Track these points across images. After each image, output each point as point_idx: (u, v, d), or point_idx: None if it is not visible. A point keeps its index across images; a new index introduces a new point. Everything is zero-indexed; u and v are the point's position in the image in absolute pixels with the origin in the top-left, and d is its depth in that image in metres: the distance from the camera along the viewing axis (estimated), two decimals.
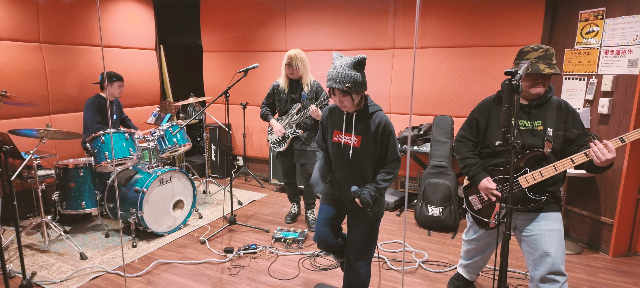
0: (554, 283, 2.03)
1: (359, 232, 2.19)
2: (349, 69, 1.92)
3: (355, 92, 1.95)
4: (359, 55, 1.96)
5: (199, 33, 5.68)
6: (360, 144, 2.04)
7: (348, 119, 2.07)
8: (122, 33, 5.00)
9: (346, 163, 2.10)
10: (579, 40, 3.44)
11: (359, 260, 2.23)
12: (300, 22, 4.91)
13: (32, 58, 4.04)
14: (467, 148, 2.33)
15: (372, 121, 2.04)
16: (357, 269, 2.25)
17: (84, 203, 3.58)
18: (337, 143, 2.11)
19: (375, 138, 2.04)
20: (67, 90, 4.40)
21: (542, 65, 1.99)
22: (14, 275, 2.87)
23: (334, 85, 1.93)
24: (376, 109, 2.08)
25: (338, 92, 1.95)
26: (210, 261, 3.16)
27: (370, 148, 2.05)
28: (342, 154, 2.10)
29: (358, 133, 2.05)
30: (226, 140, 5.47)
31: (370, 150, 2.05)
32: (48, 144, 4.12)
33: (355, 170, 2.10)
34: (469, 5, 4.03)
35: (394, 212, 4.29)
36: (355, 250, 2.23)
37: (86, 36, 4.56)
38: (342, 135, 2.09)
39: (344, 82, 1.90)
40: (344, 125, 2.08)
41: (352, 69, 1.93)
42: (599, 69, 3.29)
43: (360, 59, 1.94)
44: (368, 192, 2.01)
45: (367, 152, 2.06)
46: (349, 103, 1.98)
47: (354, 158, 2.07)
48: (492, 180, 2.20)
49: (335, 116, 2.14)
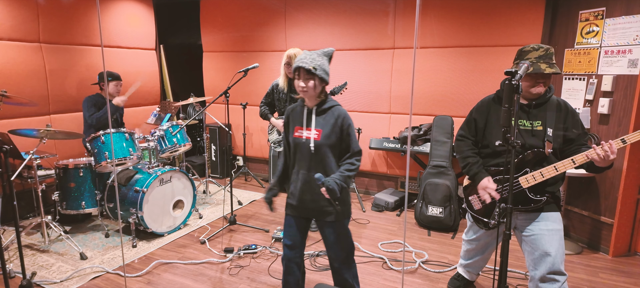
0: (554, 283, 2.03)
1: (329, 231, 2.16)
2: (318, 55, 2.04)
3: (319, 78, 2.01)
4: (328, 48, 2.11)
5: (199, 33, 5.68)
6: (320, 137, 2.07)
7: (308, 113, 2.12)
8: (122, 33, 5.00)
9: (308, 159, 2.10)
10: (579, 40, 3.44)
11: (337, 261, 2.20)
12: (300, 22, 4.91)
13: (32, 58, 4.04)
14: (467, 147, 2.33)
15: (331, 114, 2.08)
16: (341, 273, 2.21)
17: (84, 203, 3.58)
18: (299, 138, 2.13)
19: (335, 130, 2.07)
20: (67, 90, 4.40)
21: (543, 65, 1.99)
22: (14, 275, 2.87)
23: (301, 64, 1.99)
24: (334, 103, 2.12)
25: (303, 72, 2.00)
26: (210, 261, 3.16)
27: (331, 141, 2.07)
28: (303, 149, 2.11)
29: (318, 126, 2.08)
30: (226, 140, 5.47)
31: (331, 143, 2.07)
32: (48, 143, 4.12)
33: (318, 165, 2.09)
34: (469, 5, 4.03)
35: (394, 212, 4.29)
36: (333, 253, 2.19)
37: (86, 36, 4.55)
38: (303, 130, 2.12)
39: (312, 63, 1.98)
40: (304, 121, 2.12)
41: (320, 56, 2.04)
42: (599, 69, 3.29)
43: (328, 50, 2.07)
44: (333, 180, 1.99)
45: (328, 145, 2.07)
46: (311, 88, 2.02)
47: (316, 152, 2.08)
48: (493, 181, 2.20)
49: (296, 114, 2.18)
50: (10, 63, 3.86)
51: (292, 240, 2.23)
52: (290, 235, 2.23)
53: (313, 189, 2.09)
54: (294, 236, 2.22)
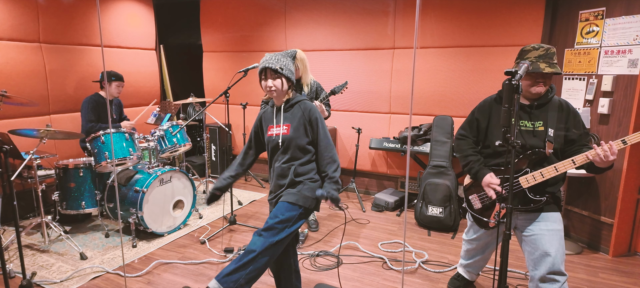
0: (554, 283, 2.03)
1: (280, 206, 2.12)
2: (283, 56, 2.12)
3: (286, 77, 2.09)
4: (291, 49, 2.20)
5: (199, 33, 5.68)
6: (289, 130, 2.13)
7: (277, 111, 2.20)
8: (122, 33, 5.00)
9: (279, 154, 2.17)
10: (579, 40, 3.44)
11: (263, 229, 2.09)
12: (300, 22, 4.91)
13: (32, 58, 4.04)
14: (467, 145, 2.33)
15: (297, 108, 2.16)
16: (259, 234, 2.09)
17: (84, 203, 3.58)
18: (271, 137, 2.19)
19: (302, 122, 2.13)
20: (67, 90, 4.40)
21: (542, 64, 1.99)
22: (14, 275, 2.87)
23: (267, 65, 2.06)
24: (301, 98, 2.20)
25: (270, 72, 2.08)
26: (210, 261, 3.16)
27: (300, 132, 2.12)
28: (275, 147, 2.18)
29: (286, 121, 2.16)
30: (226, 140, 5.47)
31: (300, 135, 2.12)
32: (48, 144, 4.12)
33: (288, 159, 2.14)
34: (469, 5, 4.03)
35: (394, 212, 4.29)
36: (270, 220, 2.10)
37: (86, 36, 4.56)
38: (273, 128, 2.19)
39: (278, 63, 2.07)
40: (274, 119, 2.19)
41: (285, 57, 2.13)
42: (599, 69, 3.29)
43: (291, 51, 2.18)
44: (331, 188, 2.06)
45: (297, 139, 2.12)
46: (278, 87, 2.09)
47: (285, 146, 2.14)
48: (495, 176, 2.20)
49: (268, 114, 2.25)
50: (10, 63, 3.86)
51: None
52: None
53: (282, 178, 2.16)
54: None
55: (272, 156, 2.24)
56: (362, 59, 4.64)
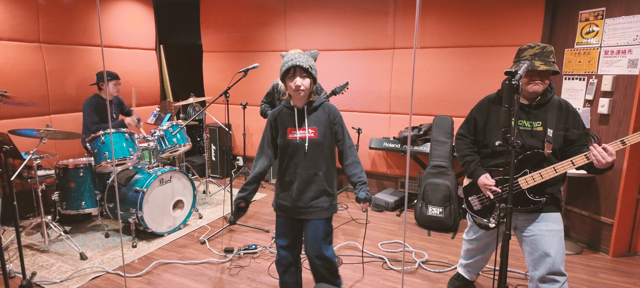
0: (553, 283, 2.03)
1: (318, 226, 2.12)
2: (310, 56, 2.05)
3: (313, 78, 2.04)
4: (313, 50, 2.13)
5: (199, 33, 5.68)
6: (317, 134, 2.07)
7: (299, 114, 2.10)
8: (122, 33, 5.00)
9: (303, 159, 2.09)
10: (579, 40, 3.44)
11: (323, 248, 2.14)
12: (300, 22, 4.91)
13: (32, 58, 4.04)
14: (465, 146, 2.33)
15: (322, 110, 2.10)
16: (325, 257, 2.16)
17: (84, 204, 3.58)
18: (293, 140, 2.09)
19: (330, 126, 2.09)
20: (67, 90, 4.40)
21: (537, 62, 1.98)
22: (14, 275, 2.87)
23: (298, 63, 1.96)
24: (323, 100, 2.15)
25: (300, 71, 1.99)
26: (210, 261, 3.16)
27: (328, 137, 2.09)
28: (299, 150, 2.09)
29: (312, 125, 2.08)
30: (226, 140, 5.47)
31: (328, 140, 2.10)
32: (48, 143, 4.12)
33: (314, 164, 2.08)
34: (469, 6, 4.03)
35: (394, 212, 4.29)
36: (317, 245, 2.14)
37: (86, 36, 4.56)
38: (296, 131, 2.09)
39: (307, 62, 1.99)
40: (296, 122, 2.09)
41: (311, 57, 2.06)
42: (598, 69, 3.29)
43: (314, 52, 2.10)
44: (365, 191, 2.05)
45: (325, 143, 2.09)
46: (307, 86, 2.02)
47: (311, 151, 2.07)
48: (490, 177, 2.20)
49: (284, 116, 2.14)
50: (10, 63, 3.86)
51: (288, 241, 2.22)
52: (286, 235, 2.22)
53: (310, 188, 2.10)
54: (289, 236, 2.21)
55: (291, 160, 2.12)
56: (362, 59, 4.64)
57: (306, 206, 2.13)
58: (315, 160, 2.08)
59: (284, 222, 2.21)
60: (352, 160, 2.11)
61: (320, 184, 2.10)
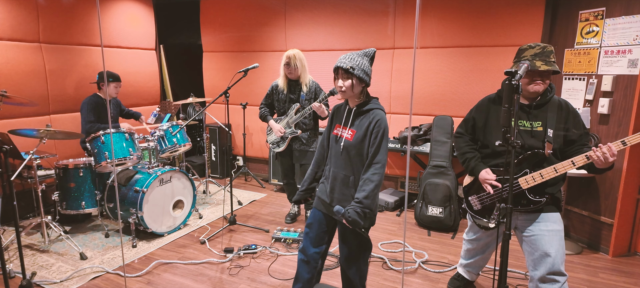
0: (554, 283, 2.03)
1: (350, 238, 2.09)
2: (358, 55, 2.02)
3: (357, 78, 1.98)
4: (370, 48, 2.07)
5: (199, 33, 5.68)
6: (353, 137, 2.03)
7: (348, 113, 2.11)
8: (122, 33, 5.00)
9: (337, 157, 2.09)
10: (579, 40, 3.44)
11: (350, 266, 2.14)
12: (300, 22, 4.91)
13: (32, 58, 4.04)
14: (464, 143, 2.34)
15: (367, 117, 2.04)
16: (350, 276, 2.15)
17: (84, 203, 3.58)
18: (335, 136, 2.14)
19: (368, 135, 2.01)
20: (67, 90, 4.40)
21: (538, 62, 1.98)
22: (14, 275, 2.87)
23: (339, 64, 2.00)
24: (377, 107, 2.07)
25: (341, 72, 2.00)
26: (210, 261, 3.16)
27: (362, 143, 2.02)
28: (337, 148, 2.10)
29: (353, 127, 2.06)
30: (226, 140, 5.47)
31: (362, 146, 2.02)
32: (48, 143, 4.12)
33: (346, 165, 2.05)
34: (469, 5, 4.03)
35: (394, 212, 4.29)
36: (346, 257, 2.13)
37: (86, 36, 4.55)
38: (340, 128, 2.12)
39: (350, 63, 1.97)
40: (344, 119, 2.12)
41: (361, 56, 2.02)
42: (598, 69, 3.29)
43: (369, 50, 2.06)
44: (353, 210, 1.93)
45: (358, 148, 2.02)
46: (348, 87, 2.00)
47: (345, 151, 2.05)
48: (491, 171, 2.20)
49: (340, 111, 2.18)
50: (10, 63, 3.86)
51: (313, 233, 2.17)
52: (311, 226, 2.18)
53: (340, 188, 2.07)
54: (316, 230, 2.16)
55: (331, 154, 2.15)
56: None
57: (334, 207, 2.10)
58: (348, 162, 2.05)
59: (315, 213, 2.20)
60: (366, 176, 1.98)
61: (350, 188, 2.04)
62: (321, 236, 2.17)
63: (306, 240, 2.19)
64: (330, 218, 2.16)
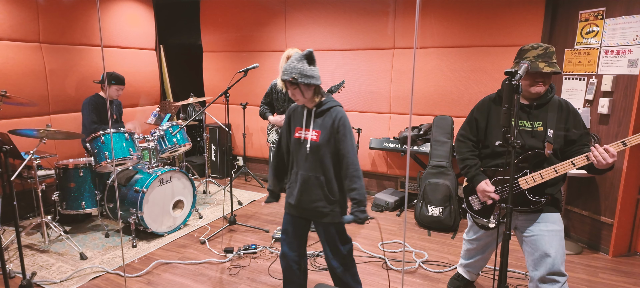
0: (554, 284, 2.03)
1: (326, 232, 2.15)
2: (297, 61, 2.00)
3: (304, 84, 2.00)
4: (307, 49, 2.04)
5: (199, 33, 5.68)
6: (319, 138, 2.05)
7: (308, 114, 2.11)
8: (122, 33, 5.00)
9: (305, 160, 2.09)
10: (579, 40, 3.44)
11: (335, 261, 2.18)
12: (300, 22, 4.91)
13: (32, 58, 4.04)
14: (467, 149, 2.32)
15: (329, 115, 2.06)
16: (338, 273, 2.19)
17: (84, 204, 3.58)
18: (298, 139, 2.13)
19: (332, 131, 2.05)
20: (67, 90, 4.40)
21: (541, 63, 1.98)
22: (14, 275, 2.87)
23: (283, 77, 2.01)
24: (335, 104, 2.10)
25: (287, 84, 2.02)
26: (210, 261, 3.16)
27: (330, 143, 2.05)
28: (301, 150, 2.10)
29: (317, 127, 2.07)
30: (226, 140, 5.47)
31: (330, 146, 2.05)
32: (48, 143, 4.12)
33: (315, 167, 2.07)
34: (469, 5, 4.03)
35: (394, 212, 4.29)
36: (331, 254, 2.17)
37: (86, 36, 4.55)
38: (302, 131, 2.12)
39: (291, 73, 1.97)
40: (304, 121, 2.12)
41: (300, 61, 2.00)
42: (599, 69, 3.29)
43: (307, 52, 2.02)
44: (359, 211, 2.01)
45: (327, 147, 2.05)
46: (299, 95, 2.03)
47: (312, 153, 2.06)
48: (492, 182, 2.20)
49: (298, 113, 2.18)
50: (10, 63, 3.86)
51: (290, 238, 2.24)
52: (286, 232, 2.25)
53: (311, 190, 2.09)
54: (292, 234, 2.23)
55: (295, 158, 2.15)
56: (362, 59, 4.64)
57: (308, 207, 2.13)
58: (317, 163, 2.06)
59: (287, 218, 2.25)
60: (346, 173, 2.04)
61: (321, 188, 2.07)
62: (298, 239, 2.25)
63: (284, 246, 2.26)
64: (301, 219, 2.21)
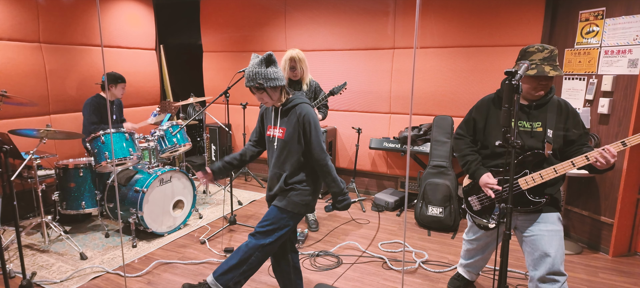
0: (553, 283, 2.03)
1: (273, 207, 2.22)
2: (258, 66, 2.04)
3: (269, 87, 2.05)
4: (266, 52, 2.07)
5: (199, 33, 5.68)
6: (284, 135, 2.13)
7: (275, 112, 2.19)
8: (122, 33, 5.00)
9: (273, 157, 2.20)
10: (579, 40, 3.44)
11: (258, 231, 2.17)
12: (300, 22, 4.91)
13: (32, 58, 4.04)
14: (465, 144, 2.32)
15: (294, 113, 2.12)
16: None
17: (84, 203, 3.58)
18: (269, 137, 2.22)
19: (297, 128, 2.10)
20: (67, 90, 4.40)
21: (547, 67, 1.98)
22: (14, 275, 2.87)
23: (248, 84, 2.07)
24: (301, 101, 2.15)
25: (253, 89, 2.08)
26: (210, 261, 3.16)
27: (294, 139, 2.11)
28: (272, 147, 2.20)
29: (283, 125, 2.15)
30: (226, 140, 5.47)
31: (294, 142, 2.11)
32: (48, 143, 4.12)
33: (284, 162, 2.15)
34: (469, 5, 4.03)
35: (394, 212, 4.29)
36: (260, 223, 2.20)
37: (86, 36, 4.56)
38: (271, 128, 2.21)
39: (255, 79, 2.03)
40: (272, 120, 2.21)
41: (261, 66, 2.04)
42: (599, 68, 3.29)
43: (266, 55, 2.05)
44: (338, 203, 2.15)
45: (291, 144, 2.12)
46: (267, 98, 2.10)
47: (279, 150, 2.16)
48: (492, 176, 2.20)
49: (268, 112, 2.26)
50: (10, 63, 3.86)
51: None
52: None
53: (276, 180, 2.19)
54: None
55: (269, 156, 2.26)
56: (362, 59, 4.64)
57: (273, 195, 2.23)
58: (283, 160, 2.15)
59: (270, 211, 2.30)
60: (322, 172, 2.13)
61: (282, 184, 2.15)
62: None
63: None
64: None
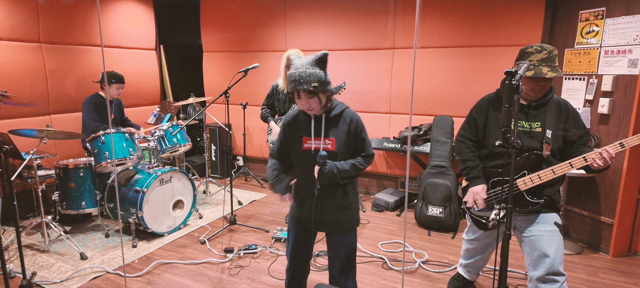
0: (553, 283, 2.03)
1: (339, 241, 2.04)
2: (312, 66, 1.81)
3: (322, 92, 1.83)
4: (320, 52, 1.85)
5: (199, 33, 5.68)
6: (334, 146, 1.91)
7: (317, 122, 1.93)
8: (122, 33, 5.00)
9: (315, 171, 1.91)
10: (579, 40, 3.44)
11: (343, 274, 2.06)
12: (300, 22, 4.91)
13: (32, 58, 4.04)
14: (467, 149, 2.31)
15: (343, 120, 1.93)
16: (342, 282, 2.08)
17: (84, 204, 3.58)
18: (308, 150, 1.93)
19: (349, 137, 1.92)
20: (67, 90, 4.40)
21: (545, 68, 1.97)
22: (14, 275, 2.87)
23: (299, 87, 1.79)
24: (343, 107, 1.97)
25: (304, 93, 1.81)
26: (210, 261, 3.16)
27: (347, 149, 1.93)
28: (314, 162, 1.89)
29: (331, 135, 1.91)
30: (226, 140, 5.47)
31: (347, 152, 1.94)
32: (48, 143, 4.12)
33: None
34: (469, 5, 4.03)
35: (394, 212, 4.29)
36: (338, 262, 2.06)
37: (86, 36, 4.56)
38: (311, 140, 1.93)
39: (310, 81, 1.78)
40: (312, 130, 1.93)
41: (315, 66, 1.82)
42: (599, 68, 3.29)
43: (321, 55, 1.83)
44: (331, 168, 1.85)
45: (343, 155, 1.93)
46: (316, 105, 1.85)
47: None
48: (490, 183, 2.20)
49: (301, 122, 1.97)
50: (10, 63, 3.86)
51: (298, 254, 2.12)
52: (297, 248, 2.11)
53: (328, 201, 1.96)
54: (301, 250, 2.11)
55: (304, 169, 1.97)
56: (362, 59, 4.64)
57: (323, 220, 1.99)
58: None
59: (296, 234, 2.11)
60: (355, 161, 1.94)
61: (340, 198, 1.97)
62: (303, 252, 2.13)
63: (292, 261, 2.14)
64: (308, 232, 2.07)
